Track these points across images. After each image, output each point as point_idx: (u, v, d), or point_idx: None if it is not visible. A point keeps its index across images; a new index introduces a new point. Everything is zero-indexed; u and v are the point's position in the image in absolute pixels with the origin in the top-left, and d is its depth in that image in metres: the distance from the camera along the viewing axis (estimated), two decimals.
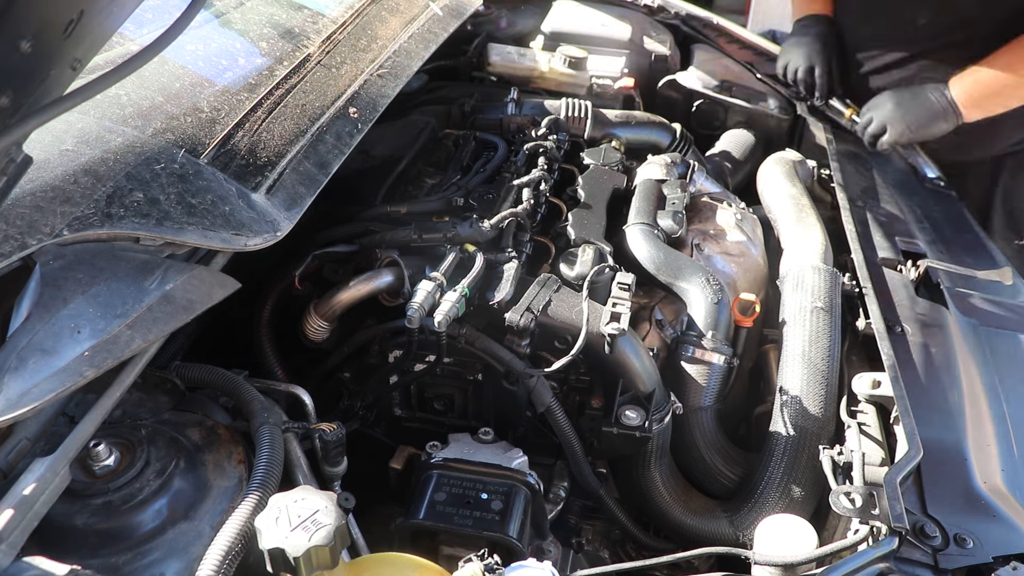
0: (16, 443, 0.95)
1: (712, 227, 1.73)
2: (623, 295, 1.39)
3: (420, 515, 1.20)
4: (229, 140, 1.31)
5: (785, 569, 1.08)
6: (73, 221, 1.02)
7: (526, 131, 1.87)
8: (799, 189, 1.92)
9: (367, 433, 1.49)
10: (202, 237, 1.13)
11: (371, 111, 1.57)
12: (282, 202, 1.28)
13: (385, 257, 1.41)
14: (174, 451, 1.05)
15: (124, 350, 0.98)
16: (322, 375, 1.46)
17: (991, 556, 1.07)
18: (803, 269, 1.60)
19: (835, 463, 1.21)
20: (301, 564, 0.87)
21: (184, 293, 1.08)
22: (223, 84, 1.44)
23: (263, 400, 1.15)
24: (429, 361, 1.41)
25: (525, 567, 0.96)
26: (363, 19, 1.83)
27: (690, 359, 1.46)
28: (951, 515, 1.12)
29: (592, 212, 1.64)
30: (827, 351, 1.45)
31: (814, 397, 1.40)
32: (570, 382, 1.44)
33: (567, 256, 1.50)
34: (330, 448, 1.17)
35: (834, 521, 1.27)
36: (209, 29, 1.60)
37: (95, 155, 1.13)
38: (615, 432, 1.31)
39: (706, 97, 2.33)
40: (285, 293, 1.45)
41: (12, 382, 0.89)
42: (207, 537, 0.96)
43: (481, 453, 1.29)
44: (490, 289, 1.37)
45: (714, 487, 1.45)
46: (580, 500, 1.49)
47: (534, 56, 2.23)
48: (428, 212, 1.54)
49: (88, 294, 0.99)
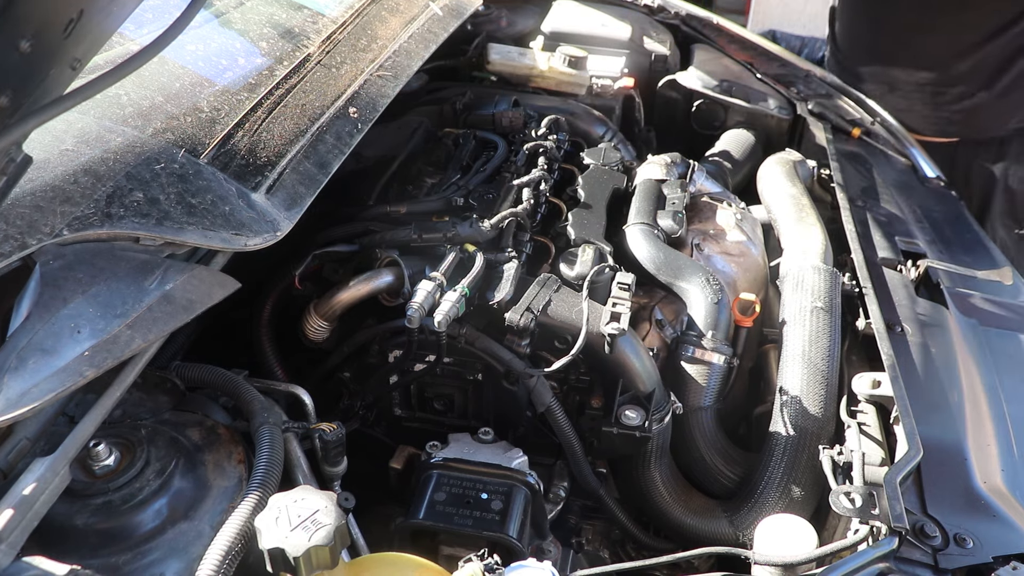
0: (16, 443, 0.95)
1: (712, 227, 1.73)
2: (623, 295, 1.39)
3: (420, 515, 1.20)
4: (229, 140, 1.31)
5: (785, 569, 1.08)
6: (73, 221, 1.02)
7: (526, 130, 1.87)
8: (799, 189, 1.92)
9: (367, 433, 1.49)
10: (202, 237, 1.13)
11: (371, 111, 1.57)
12: (282, 202, 1.28)
13: (385, 257, 1.41)
14: (174, 451, 1.05)
15: (124, 350, 0.98)
16: (322, 375, 1.46)
17: (991, 556, 1.07)
18: (803, 269, 1.60)
19: (835, 463, 1.21)
20: (301, 564, 0.87)
21: (184, 293, 1.08)
22: (223, 84, 1.44)
23: (263, 400, 1.15)
24: (429, 361, 1.41)
25: (525, 567, 0.96)
26: (363, 19, 1.83)
27: (690, 359, 1.46)
28: (951, 515, 1.12)
29: (592, 212, 1.64)
30: (827, 351, 1.45)
31: (814, 397, 1.40)
32: (570, 382, 1.44)
33: (567, 256, 1.50)
34: (330, 448, 1.17)
35: (834, 521, 1.27)
36: (209, 29, 1.60)
37: (95, 155, 1.13)
38: (615, 432, 1.31)
39: (706, 97, 2.33)
40: (285, 293, 1.45)
41: (12, 382, 0.89)
42: (207, 537, 0.96)
43: (481, 453, 1.29)
44: (490, 289, 1.37)
45: (714, 487, 1.45)
46: (580, 500, 1.49)
47: (534, 56, 2.23)
48: (428, 212, 1.54)
49: (88, 294, 0.99)
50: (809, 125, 2.26)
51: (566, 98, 2.15)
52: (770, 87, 2.38)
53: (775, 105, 2.33)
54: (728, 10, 5.14)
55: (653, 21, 2.59)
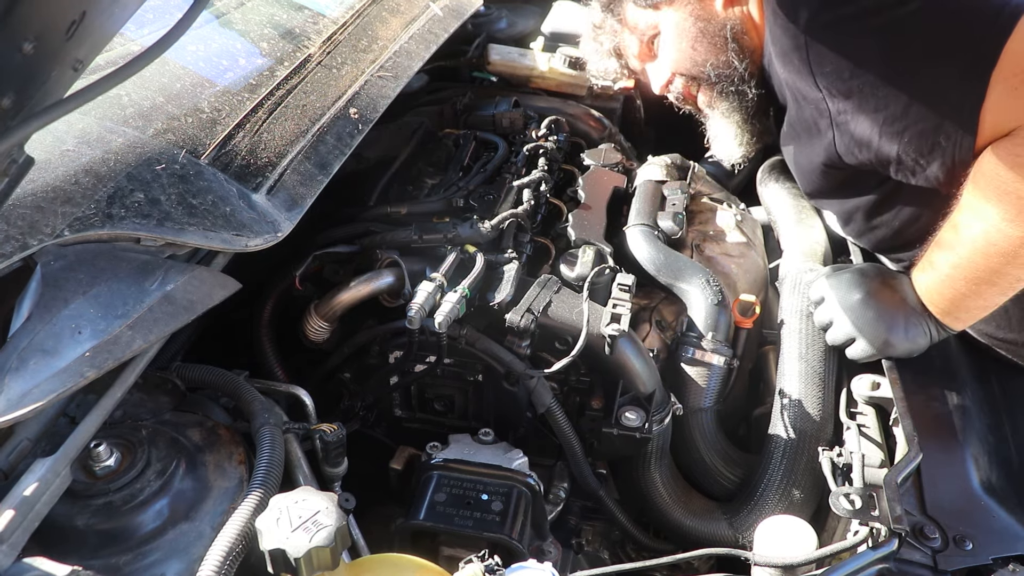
0: (17, 444, 0.95)
1: (712, 228, 1.73)
2: (623, 296, 1.39)
3: (420, 516, 1.20)
4: (230, 141, 1.31)
5: (785, 570, 1.09)
6: (74, 221, 1.02)
7: (526, 131, 1.87)
8: (799, 190, 1.92)
9: (367, 434, 1.49)
10: (203, 238, 1.13)
11: (372, 111, 1.57)
12: (283, 203, 1.28)
13: (386, 258, 1.41)
14: (175, 452, 1.05)
15: (125, 351, 0.98)
16: (322, 376, 1.46)
17: (990, 557, 1.08)
18: (802, 271, 1.60)
19: (835, 464, 1.21)
20: (302, 565, 0.87)
21: (185, 294, 1.08)
22: (224, 85, 1.44)
23: (264, 401, 1.15)
24: (429, 362, 1.41)
25: (525, 568, 0.96)
26: (363, 19, 1.83)
27: (690, 360, 1.46)
28: (951, 516, 1.12)
29: (592, 213, 1.64)
30: (824, 353, 1.45)
31: (812, 399, 1.40)
32: (570, 383, 1.45)
33: (567, 257, 1.50)
34: (330, 449, 1.17)
35: (834, 522, 1.27)
36: (210, 30, 1.60)
37: (96, 156, 1.13)
38: (615, 433, 1.31)
39: None
40: (285, 294, 1.45)
41: (13, 383, 0.89)
42: (208, 538, 0.96)
43: (481, 454, 1.29)
44: (491, 290, 1.37)
45: (714, 488, 1.45)
46: (580, 501, 1.49)
47: (534, 57, 2.23)
48: (428, 213, 1.54)
49: (89, 295, 0.99)
50: None
51: (566, 99, 2.15)
52: None
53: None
54: None
55: None
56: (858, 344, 1.38)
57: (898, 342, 1.34)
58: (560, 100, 2.13)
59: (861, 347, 1.37)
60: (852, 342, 1.39)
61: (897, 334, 1.34)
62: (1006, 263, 1.23)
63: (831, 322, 1.41)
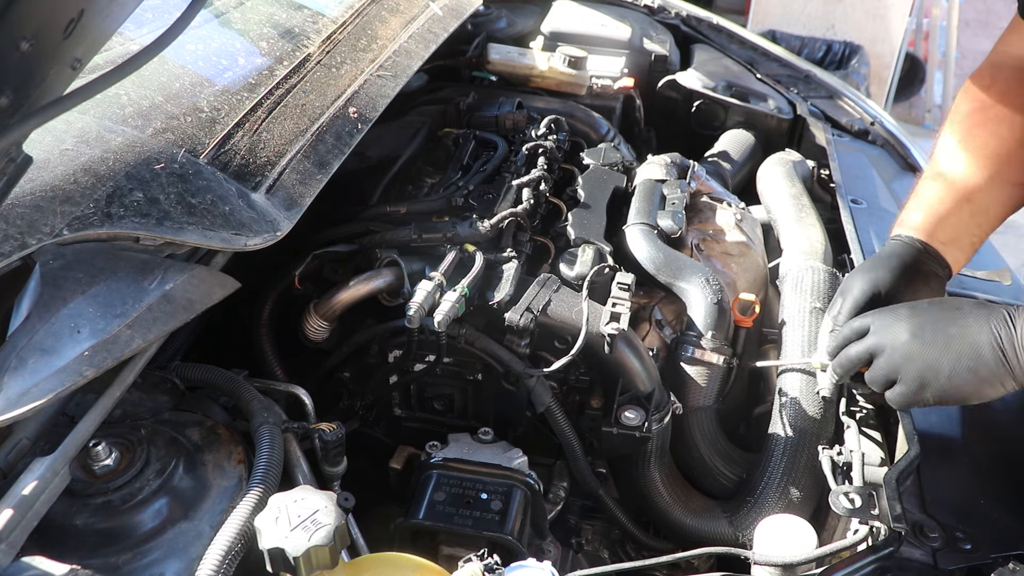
0: (16, 442, 0.95)
1: (712, 227, 1.73)
2: (623, 295, 1.39)
3: (420, 515, 1.20)
4: (229, 140, 1.31)
5: (785, 569, 1.08)
6: (73, 221, 1.02)
7: (526, 131, 1.87)
8: (799, 189, 1.92)
9: (367, 433, 1.49)
10: (202, 237, 1.13)
11: (371, 111, 1.56)
12: (282, 202, 1.28)
13: (385, 257, 1.41)
14: (174, 451, 1.05)
15: (124, 350, 0.98)
16: (322, 375, 1.46)
17: (990, 556, 1.07)
18: (802, 269, 1.60)
19: (834, 463, 1.21)
20: (301, 564, 0.87)
21: (184, 293, 1.08)
22: (223, 84, 1.43)
23: (263, 400, 1.15)
24: (429, 361, 1.41)
25: (525, 567, 0.96)
26: (363, 19, 1.83)
27: (690, 359, 1.46)
28: (951, 515, 1.12)
29: (592, 212, 1.64)
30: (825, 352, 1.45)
31: (813, 398, 1.40)
32: (570, 382, 1.44)
33: (567, 256, 1.50)
34: (330, 448, 1.17)
35: (834, 521, 1.27)
36: (209, 29, 1.60)
37: (95, 155, 1.13)
38: (615, 432, 1.31)
39: (706, 97, 2.33)
40: (285, 293, 1.45)
41: (12, 382, 0.89)
42: (207, 537, 0.96)
43: (481, 453, 1.29)
44: (490, 289, 1.37)
45: (714, 487, 1.45)
46: (580, 500, 1.49)
47: (534, 56, 2.23)
48: (428, 212, 1.54)
49: (88, 294, 0.99)
50: (809, 125, 2.26)
51: (566, 98, 2.15)
52: (770, 87, 2.38)
53: (775, 105, 2.33)
54: (728, 10, 5.15)
55: (653, 21, 2.59)
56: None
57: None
58: (560, 100, 2.13)
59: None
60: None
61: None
62: None
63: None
